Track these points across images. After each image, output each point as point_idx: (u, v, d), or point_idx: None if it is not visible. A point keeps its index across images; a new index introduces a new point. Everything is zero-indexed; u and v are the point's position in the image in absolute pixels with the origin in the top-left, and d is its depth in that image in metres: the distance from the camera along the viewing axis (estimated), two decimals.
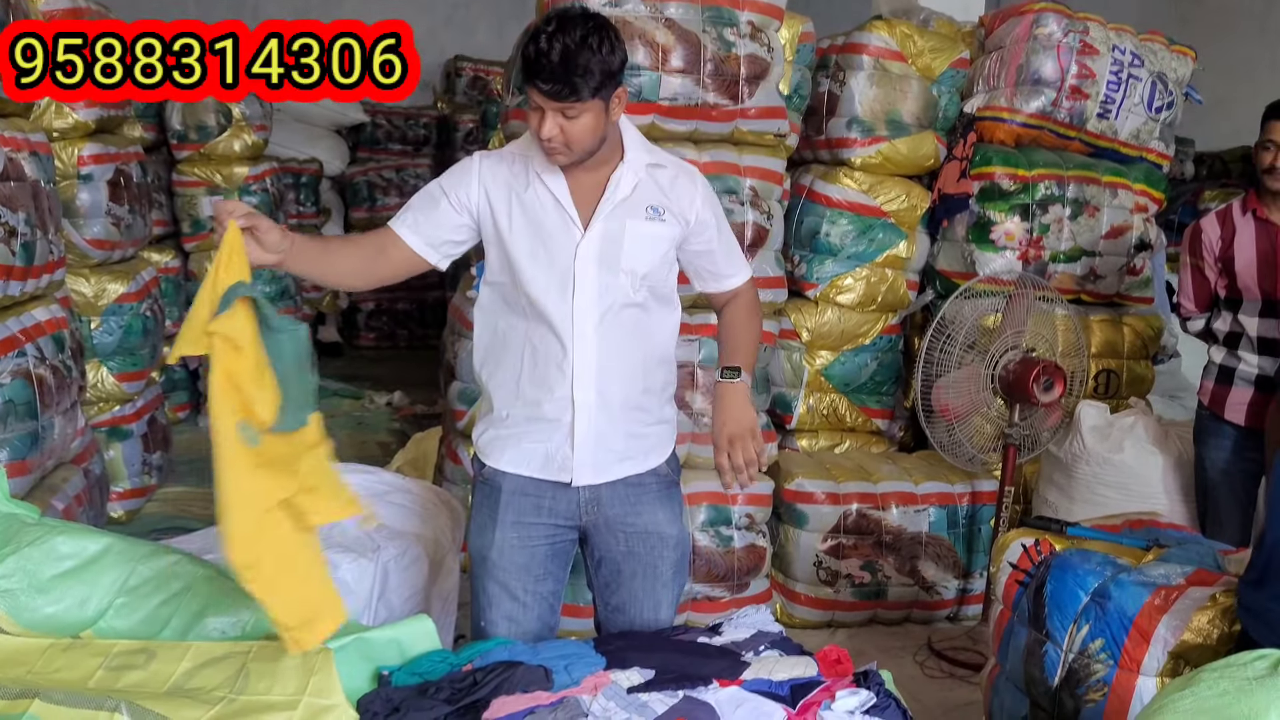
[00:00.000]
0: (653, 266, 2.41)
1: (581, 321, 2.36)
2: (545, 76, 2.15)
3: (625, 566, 2.54)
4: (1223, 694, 1.72)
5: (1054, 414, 4.02)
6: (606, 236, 2.36)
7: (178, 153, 6.55)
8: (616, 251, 2.37)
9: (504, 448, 2.47)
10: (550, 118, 2.21)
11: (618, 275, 2.37)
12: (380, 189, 9.30)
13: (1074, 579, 2.58)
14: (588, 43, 2.16)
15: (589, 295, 2.36)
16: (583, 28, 2.17)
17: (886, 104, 4.39)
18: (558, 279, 2.36)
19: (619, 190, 2.37)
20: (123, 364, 4.97)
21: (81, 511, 4.04)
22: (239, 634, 2.20)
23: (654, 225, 2.40)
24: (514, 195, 2.38)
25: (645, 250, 2.40)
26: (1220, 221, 3.56)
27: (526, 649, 2.29)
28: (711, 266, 2.55)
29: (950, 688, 3.78)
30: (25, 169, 3.83)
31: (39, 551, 2.24)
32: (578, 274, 2.35)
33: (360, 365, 8.80)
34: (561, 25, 2.16)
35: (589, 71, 2.16)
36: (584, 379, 2.38)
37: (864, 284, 4.49)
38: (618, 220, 2.37)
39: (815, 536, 4.15)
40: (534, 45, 2.16)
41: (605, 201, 2.36)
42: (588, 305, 2.36)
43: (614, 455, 2.46)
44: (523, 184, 2.38)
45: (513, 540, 2.48)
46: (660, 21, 3.70)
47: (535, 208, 2.37)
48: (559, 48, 2.14)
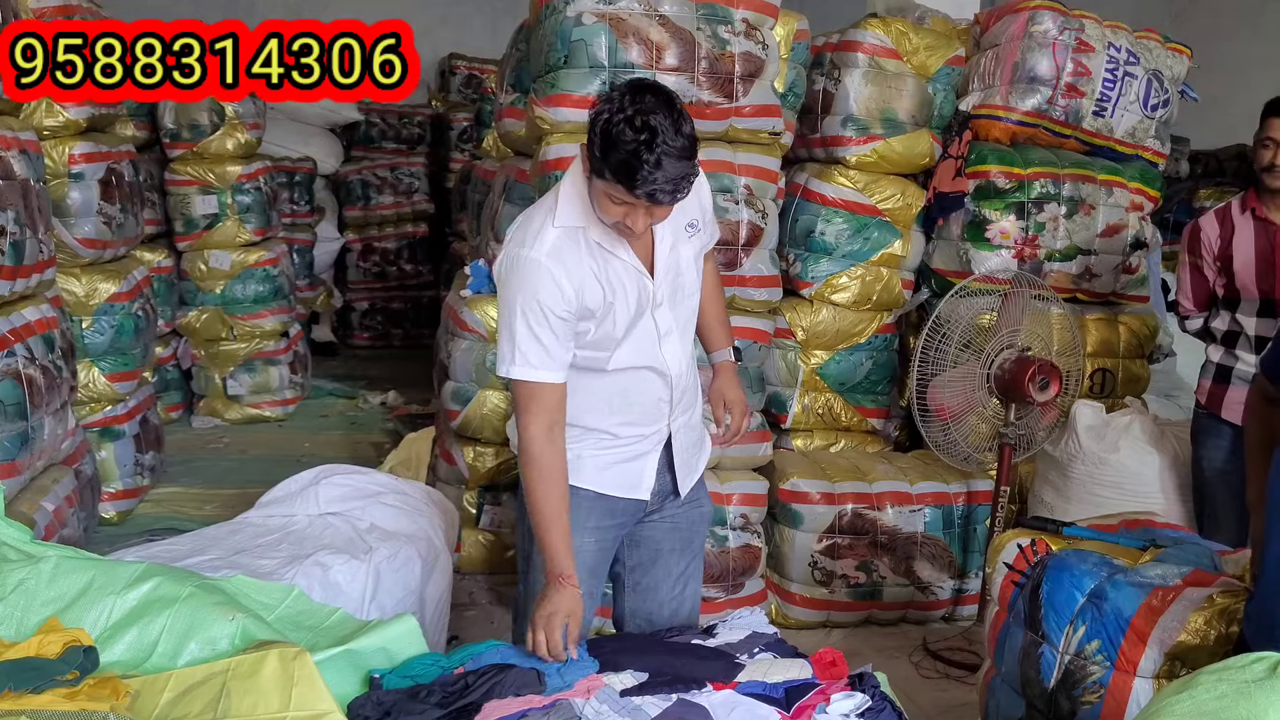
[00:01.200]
0: (694, 281, 2.49)
1: (672, 359, 2.45)
2: (653, 189, 2.08)
3: (666, 543, 2.61)
4: (1221, 696, 1.71)
5: (1050, 413, 4.01)
6: (669, 276, 2.40)
7: (170, 151, 6.52)
8: (679, 284, 2.43)
9: (582, 468, 2.48)
10: (644, 214, 2.17)
11: (684, 303, 2.46)
12: (374, 187, 9.28)
13: (1070, 580, 2.56)
14: (681, 135, 2.08)
15: (672, 334, 2.44)
16: (670, 117, 2.07)
17: (882, 102, 4.37)
18: (644, 330, 2.39)
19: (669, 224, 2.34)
20: (114, 364, 4.95)
21: (72, 513, 4.02)
22: (230, 647, 2.18)
23: (694, 241, 2.45)
24: (599, 278, 2.31)
25: (696, 269, 2.47)
26: (1219, 220, 3.54)
27: (518, 652, 2.28)
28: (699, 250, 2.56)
29: (945, 688, 3.77)
30: (14, 167, 3.81)
31: (23, 598, 2.24)
32: (659, 321, 2.40)
33: (354, 365, 8.78)
34: (651, 125, 2.05)
35: (689, 175, 2.13)
36: (680, 406, 2.52)
37: (859, 283, 4.48)
38: (674, 253, 2.40)
39: (810, 537, 4.13)
40: (631, 151, 2.05)
41: (659, 243, 2.37)
42: (674, 343, 2.44)
43: (694, 462, 2.63)
44: (598, 263, 2.31)
45: (590, 545, 2.51)
46: (654, 19, 3.69)
47: (619, 284, 2.33)
48: (661, 153, 2.05)
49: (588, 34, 3.62)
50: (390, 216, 9.40)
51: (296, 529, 3.28)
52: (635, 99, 2.08)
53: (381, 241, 9.44)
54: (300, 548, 3.12)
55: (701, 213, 2.47)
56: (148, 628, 2.23)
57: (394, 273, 9.49)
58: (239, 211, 6.63)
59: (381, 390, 7.52)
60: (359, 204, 9.28)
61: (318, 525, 3.31)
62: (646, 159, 2.04)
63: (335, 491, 3.44)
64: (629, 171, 2.06)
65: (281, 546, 3.15)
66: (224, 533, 3.26)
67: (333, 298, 9.14)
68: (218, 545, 3.12)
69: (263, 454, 6.15)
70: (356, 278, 9.46)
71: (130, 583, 2.31)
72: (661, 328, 2.41)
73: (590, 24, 3.63)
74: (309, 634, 2.40)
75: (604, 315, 2.33)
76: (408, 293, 9.50)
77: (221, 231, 6.61)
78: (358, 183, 9.25)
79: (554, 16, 3.68)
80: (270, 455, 6.08)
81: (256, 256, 6.74)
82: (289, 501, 3.46)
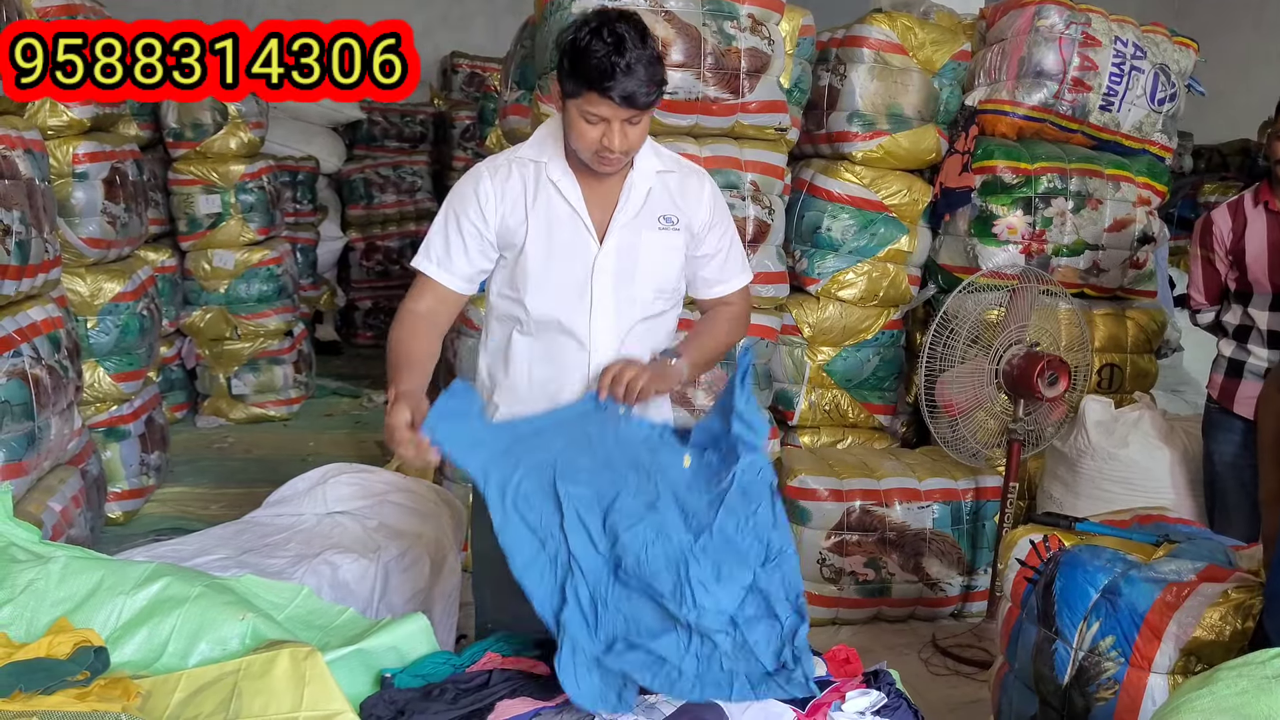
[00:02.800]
0: (669, 277, 2.38)
1: (599, 334, 2.33)
2: (626, 88, 2.09)
3: None
4: (1242, 692, 1.69)
5: (1058, 409, 4.00)
6: (622, 250, 2.31)
7: (174, 151, 6.51)
8: (633, 266, 2.32)
9: None
10: (619, 129, 2.15)
11: (633, 288, 2.33)
12: (377, 186, 9.27)
13: (1084, 575, 2.55)
14: (649, 47, 2.13)
15: (607, 310, 2.32)
16: (637, 31, 2.12)
17: (887, 97, 4.36)
18: (574, 293, 2.31)
19: (632, 199, 2.31)
20: (120, 364, 4.94)
21: (79, 513, 4.01)
22: (240, 647, 2.17)
23: (668, 235, 2.35)
24: (527, 206, 2.30)
25: (661, 262, 2.35)
26: (1231, 213, 3.52)
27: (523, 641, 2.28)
28: (710, 273, 2.46)
29: (955, 685, 3.75)
30: (19, 167, 3.80)
31: (33, 598, 2.23)
32: (595, 289, 2.31)
33: (358, 364, 8.77)
34: (618, 32, 2.10)
35: (659, 74, 2.15)
36: None
37: (865, 279, 4.47)
38: (633, 232, 2.32)
39: (819, 533, 4.12)
40: (603, 54, 2.08)
41: (620, 212, 2.31)
42: (606, 320, 2.33)
43: None
44: (533, 193, 2.30)
45: None
46: (660, 14, 3.67)
47: (549, 219, 2.30)
48: (631, 57, 2.09)
49: None
50: (393, 215, 9.39)
51: (304, 528, 3.28)
52: (600, 16, 2.15)
53: (384, 240, 9.43)
54: (308, 547, 3.12)
55: (691, 218, 2.37)
56: (158, 628, 2.22)
57: (397, 271, 9.47)
58: (242, 211, 6.63)
59: (385, 389, 7.50)
60: (362, 203, 9.27)
61: (326, 524, 3.31)
62: (617, 61, 2.07)
63: (343, 490, 3.43)
64: (601, 73, 2.08)
65: (289, 546, 3.15)
66: (231, 532, 3.26)
67: (336, 297, 9.13)
68: (225, 545, 3.12)
69: (267, 454, 6.14)
70: (360, 277, 9.46)
71: (140, 583, 2.30)
72: (596, 294, 2.31)
73: None
74: (319, 633, 2.39)
75: (520, 248, 2.31)
76: None
77: (225, 231, 6.61)
78: (360, 181, 9.24)
79: (559, 13, 3.66)
80: (275, 455, 6.08)
81: (260, 256, 6.73)
82: (296, 501, 3.45)
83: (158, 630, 2.21)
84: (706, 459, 2.17)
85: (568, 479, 2.05)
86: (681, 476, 2.13)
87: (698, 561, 2.00)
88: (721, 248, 2.44)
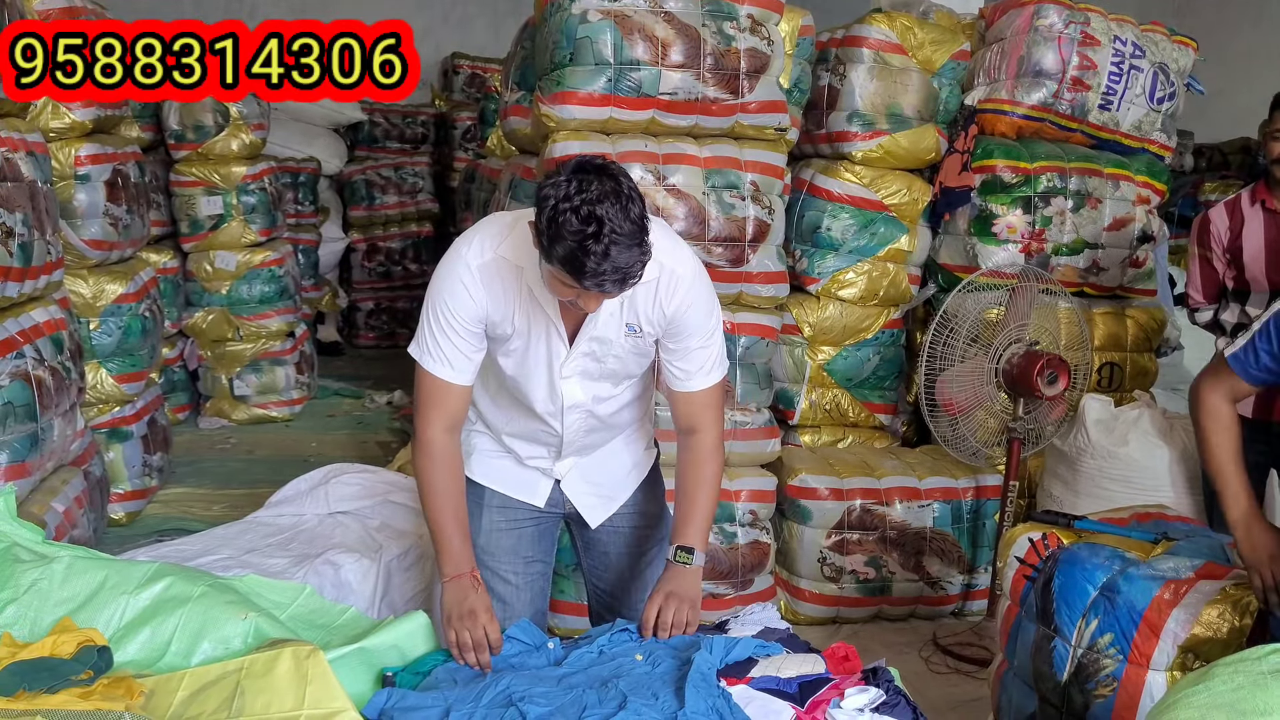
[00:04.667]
0: (635, 371, 2.45)
1: (570, 420, 2.43)
2: (599, 282, 2.00)
3: (612, 547, 2.60)
4: (1237, 688, 1.70)
5: (1058, 407, 4.01)
6: (589, 355, 2.35)
7: (175, 152, 6.53)
8: (599, 368, 2.38)
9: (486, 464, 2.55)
10: (595, 297, 2.10)
11: (599, 384, 2.41)
12: (378, 187, 9.29)
13: (1082, 573, 2.56)
14: (630, 222, 1.98)
15: (576, 400, 2.40)
16: (619, 204, 1.97)
17: (887, 97, 4.37)
18: (544, 388, 2.38)
19: (603, 310, 2.26)
20: (122, 365, 4.95)
21: (82, 514, 4.02)
22: (243, 646, 2.18)
23: (633, 340, 2.35)
24: (511, 311, 2.29)
25: (626, 363, 2.40)
26: (1229, 212, 3.53)
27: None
28: (679, 366, 2.41)
29: (956, 683, 3.76)
30: (22, 169, 3.81)
31: (37, 598, 2.24)
32: (564, 389, 2.38)
33: (360, 364, 8.79)
34: (597, 215, 1.95)
35: (637, 263, 2.03)
36: (572, 449, 2.51)
37: (865, 278, 4.47)
38: (601, 341, 2.33)
39: (819, 532, 4.13)
40: (575, 246, 1.96)
41: (589, 321, 2.30)
42: (575, 409, 2.42)
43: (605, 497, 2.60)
44: (517, 298, 2.28)
45: (499, 523, 2.52)
46: (660, 16, 3.68)
47: (530, 324, 2.31)
48: (608, 245, 1.96)
49: (593, 31, 3.62)
50: (394, 216, 9.41)
51: (307, 528, 3.30)
52: (582, 186, 1.97)
53: (386, 241, 9.45)
54: (311, 546, 3.13)
55: (655, 322, 2.33)
56: (161, 627, 2.24)
57: (399, 272, 9.49)
58: (244, 212, 6.64)
59: (387, 390, 7.52)
60: (363, 204, 9.29)
61: (328, 524, 3.33)
62: (594, 250, 1.95)
63: (345, 490, 3.45)
64: (576, 264, 1.97)
65: (292, 545, 3.17)
66: (234, 532, 3.28)
67: (338, 298, 9.15)
68: (228, 545, 3.13)
69: (270, 454, 6.16)
70: (361, 278, 9.48)
71: (143, 582, 2.31)
72: (566, 399, 2.38)
73: (595, 21, 3.62)
74: (321, 632, 2.40)
75: (507, 347, 2.35)
76: (413, 292, 9.50)
77: (227, 232, 6.62)
78: (362, 183, 9.26)
79: (559, 14, 3.67)
80: (277, 455, 6.09)
81: (262, 257, 6.75)
82: (298, 501, 3.47)
83: (161, 629, 2.23)
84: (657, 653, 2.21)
85: (528, 701, 2.00)
86: (638, 668, 2.15)
87: None
88: (694, 347, 2.39)
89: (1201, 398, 2.52)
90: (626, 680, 2.08)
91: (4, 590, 2.26)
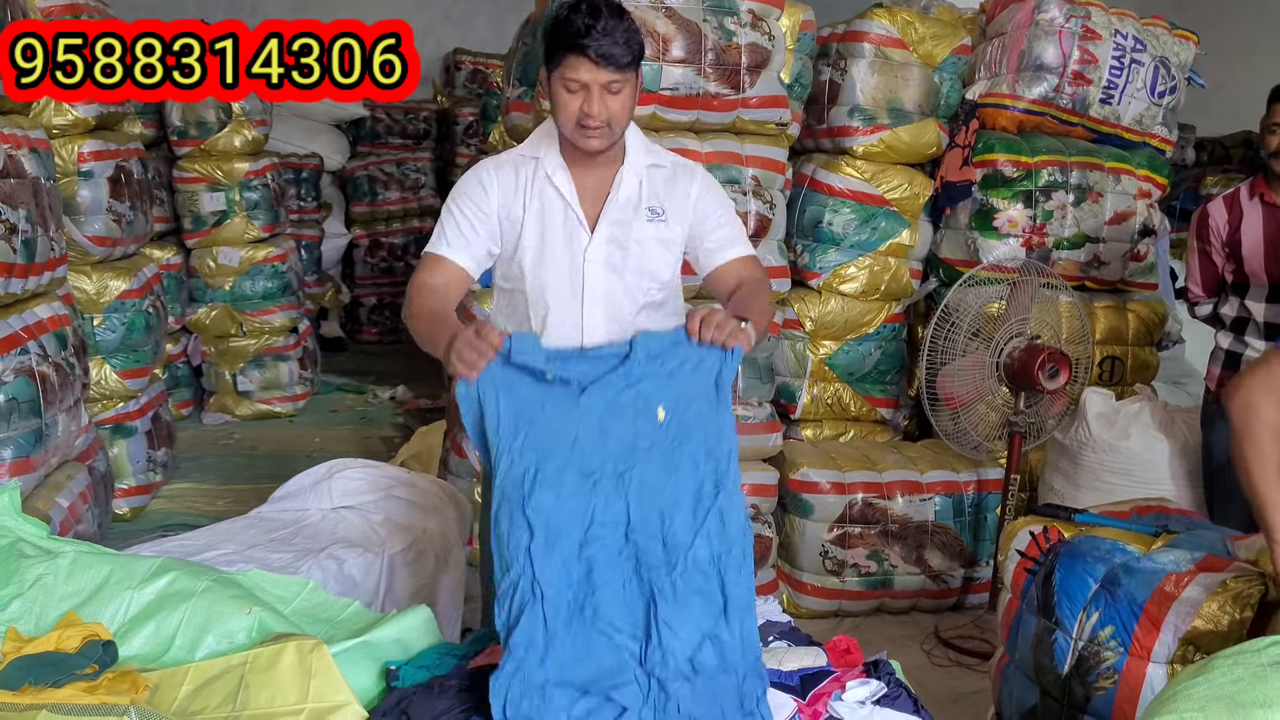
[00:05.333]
0: (660, 269, 2.43)
1: (591, 321, 2.39)
2: (602, 46, 2.17)
3: None
4: (1237, 680, 1.71)
5: (1059, 401, 4.01)
6: (612, 240, 2.38)
7: (178, 149, 6.53)
8: (623, 256, 2.38)
9: None
10: (598, 95, 2.21)
11: (625, 278, 2.40)
12: (381, 183, 9.29)
13: (1083, 566, 2.57)
14: (624, 13, 2.22)
15: (597, 297, 2.38)
16: (612, 6, 2.21)
17: (888, 92, 4.37)
18: (567, 281, 2.38)
19: (621, 191, 2.38)
20: (126, 361, 4.96)
21: (86, 509, 4.04)
22: (247, 640, 2.20)
23: (656, 227, 2.40)
24: (524, 199, 2.38)
25: (652, 254, 2.41)
26: (1227, 206, 3.54)
27: None
28: (714, 243, 2.47)
29: (958, 676, 3.77)
30: (25, 166, 3.82)
31: (42, 593, 2.26)
32: (587, 278, 2.37)
33: (363, 360, 8.80)
34: (594, 4, 2.19)
35: (635, 40, 2.22)
36: None
37: (867, 273, 4.48)
38: (623, 224, 2.38)
39: (821, 526, 4.14)
40: (579, 18, 2.17)
41: (610, 203, 2.37)
42: (598, 307, 2.39)
43: None
44: (530, 186, 2.38)
45: None
46: (661, 11, 3.69)
47: (544, 210, 2.37)
48: (606, 17, 2.17)
49: None
50: (397, 212, 9.41)
51: (310, 523, 3.31)
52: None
53: (389, 237, 9.45)
54: (314, 541, 3.14)
55: (678, 209, 2.42)
56: (165, 621, 2.25)
57: (401, 268, 9.49)
58: (247, 208, 6.65)
59: (390, 385, 7.53)
60: (366, 199, 9.29)
61: (331, 519, 3.33)
62: (592, 23, 2.16)
63: (348, 485, 3.46)
64: (577, 32, 2.16)
65: (295, 540, 3.17)
66: (238, 527, 3.28)
67: (340, 293, 9.16)
68: (232, 540, 3.14)
69: (273, 450, 6.17)
70: (364, 273, 9.48)
71: (147, 577, 2.33)
72: (588, 283, 2.38)
73: None
74: (325, 626, 2.41)
75: (516, 238, 2.38)
76: None
77: (230, 228, 6.63)
78: (364, 178, 9.26)
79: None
80: (281, 451, 6.10)
81: (265, 253, 6.75)
82: (302, 496, 3.48)
83: (165, 624, 2.24)
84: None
85: (549, 486, 2.04)
86: (656, 471, 2.11)
87: (667, 601, 2.01)
88: (722, 224, 2.48)
89: (1248, 401, 2.27)
90: (643, 467, 2.09)
91: (9, 585, 2.28)
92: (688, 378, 2.13)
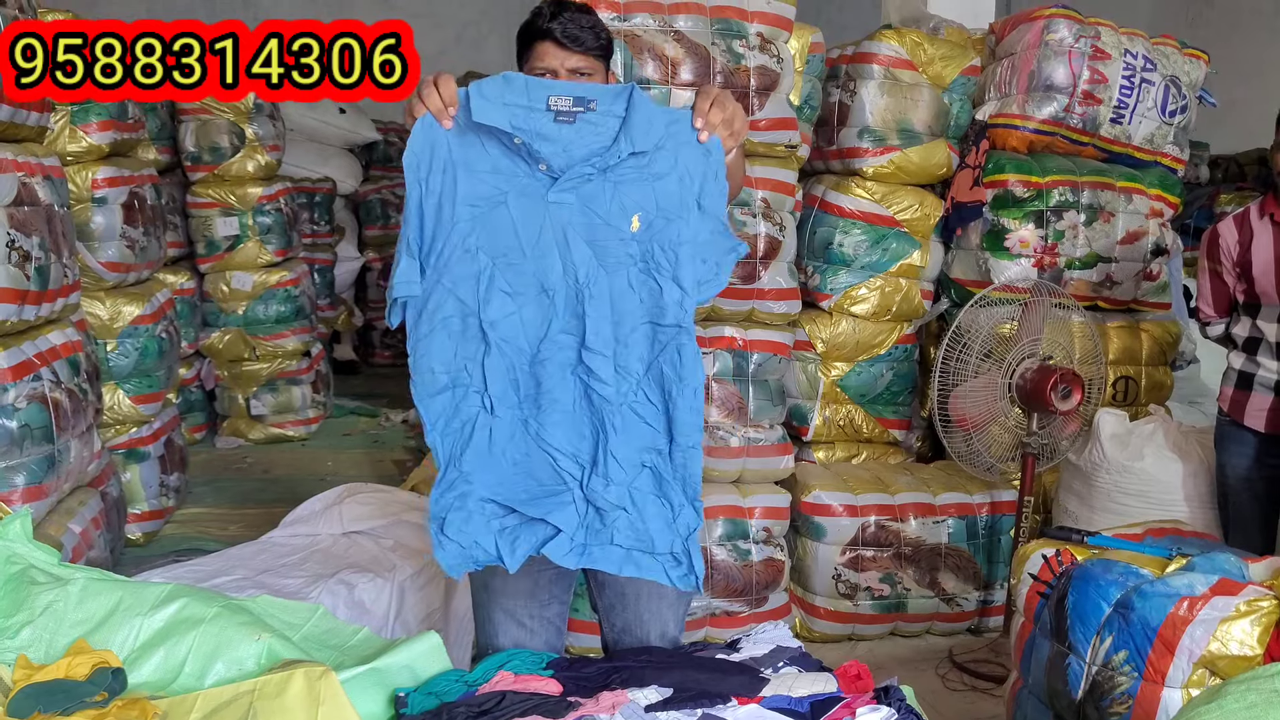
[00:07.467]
0: None
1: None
2: (567, 29, 2.22)
3: (629, 588, 2.46)
4: (1250, 706, 1.69)
5: (1072, 422, 3.99)
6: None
7: (191, 174, 6.58)
8: None
9: None
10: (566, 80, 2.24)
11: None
12: (394, 206, 9.33)
13: (1096, 590, 2.55)
14: (591, 11, 2.31)
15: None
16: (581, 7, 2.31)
17: (898, 113, 4.38)
18: None
19: None
20: (139, 386, 4.99)
21: (99, 535, 4.05)
22: (256, 667, 2.19)
23: None
24: None
25: None
26: (1238, 226, 3.52)
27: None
28: None
29: (972, 700, 3.75)
30: (39, 193, 3.85)
31: (52, 620, 2.26)
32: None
33: (376, 383, 8.82)
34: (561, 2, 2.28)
35: (602, 31, 2.27)
36: None
37: (878, 294, 4.47)
38: None
39: (833, 549, 4.12)
40: (545, 9, 2.25)
41: None
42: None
43: None
44: None
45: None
46: (669, 35, 3.70)
47: None
48: (571, 10, 2.25)
49: None
50: None
51: (321, 548, 3.31)
52: None
53: None
54: (325, 566, 3.14)
55: None
56: (175, 648, 2.25)
57: None
58: (260, 233, 6.69)
59: (403, 408, 7.55)
60: (379, 223, 9.33)
61: (342, 544, 3.34)
62: (555, 10, 2.24)
63: (359, 510, 3.46)
64: (541, 20, 2.24)
65: (306, 565, 3.18)
66: (249, 552, 3.29)
67: (354, 317, 9.19)
68: (243, 565, 3.15)
69: (286, 473, 6.18)
70: (377, 296, 9.51)
71: (157, 604, 2.33)
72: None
73: None
74: (334, 653, 2.40)
75: None
76: None
77: (243, 253, 6.67)
78: (377, 202, 9.31)
79: None
80: (293, 475, 6.12)
81: (278, 277, 6.79)
82: (313, 520, 3.48)
83: (175, 651, 2.24)
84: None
85: (507, 295, 2.01)
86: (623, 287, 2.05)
87: (616, 432, 2.02)
88: None
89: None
90: (606, 281, 2.05)
91: (20, 612, 2.28)
92: (672, 189, 2.06)
